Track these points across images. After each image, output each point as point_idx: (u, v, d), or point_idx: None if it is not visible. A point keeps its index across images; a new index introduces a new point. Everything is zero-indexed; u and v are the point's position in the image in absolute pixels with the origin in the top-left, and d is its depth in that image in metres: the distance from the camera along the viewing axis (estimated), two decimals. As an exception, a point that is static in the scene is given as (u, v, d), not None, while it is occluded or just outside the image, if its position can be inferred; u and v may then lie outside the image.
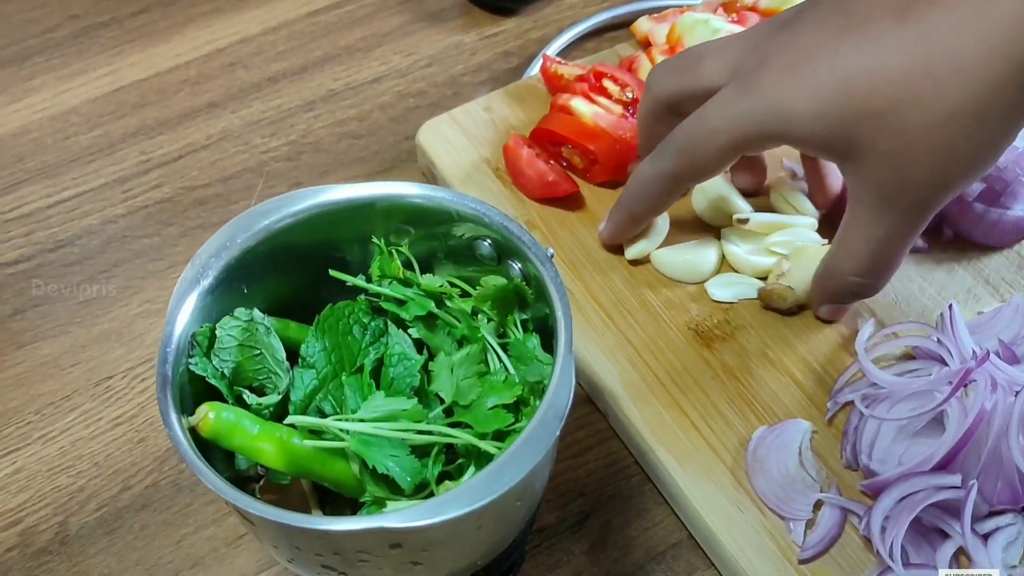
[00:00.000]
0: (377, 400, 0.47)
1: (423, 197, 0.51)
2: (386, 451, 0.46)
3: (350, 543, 0.43)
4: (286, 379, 0.50)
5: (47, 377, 0.65)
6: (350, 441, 0.46)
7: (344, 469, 0.48)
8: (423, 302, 0.51)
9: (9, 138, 0.77)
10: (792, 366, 0.60)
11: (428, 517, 0.41)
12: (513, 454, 0.43)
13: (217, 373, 0.49)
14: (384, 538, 0.43)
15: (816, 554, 0.53)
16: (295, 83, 0.79)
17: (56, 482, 0.61)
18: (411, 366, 0.49)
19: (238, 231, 0.50)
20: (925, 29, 0.48)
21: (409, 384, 0.49)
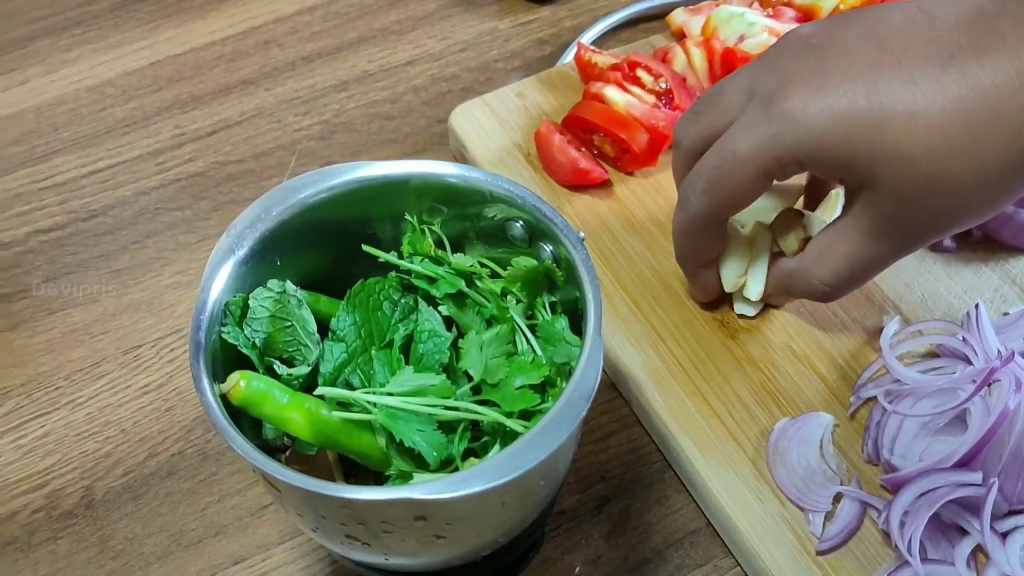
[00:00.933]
0: (406, 375, 0.48)
1: (458, 177, 0.51)
2: (413, 425, 0.47)
3: (375, 513, 0.44)
4: (316, 351, 0.50)
5: (77, 344, 0.66)
6: (378, 414, 0.47)
7: (370, 442, 0.48)
8: (454, 280, 0.51)
9: (46, 108, 0.78)
10: (816, 360, 0.60)
11: (453, 490, 0.41)
12: (539, 433, 0.43)
13: (248, 343, 0.50)
14: (409, 509, 0.43)
15: (834, 546, 0.54)
16: (329, 63, 0.80)
17: (83, 447, 0.62)
18: (441, 343, 0.49)
19: (274, 203, 0.51)
20: (969, 83, 0.47)
21: (438, 361, 0.49)
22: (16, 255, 0.70)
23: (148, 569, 0.57)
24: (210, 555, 0.58)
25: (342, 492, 0.42)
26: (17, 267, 0.70)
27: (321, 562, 0.57)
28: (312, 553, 0.58)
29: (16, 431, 0.63)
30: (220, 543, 0.58)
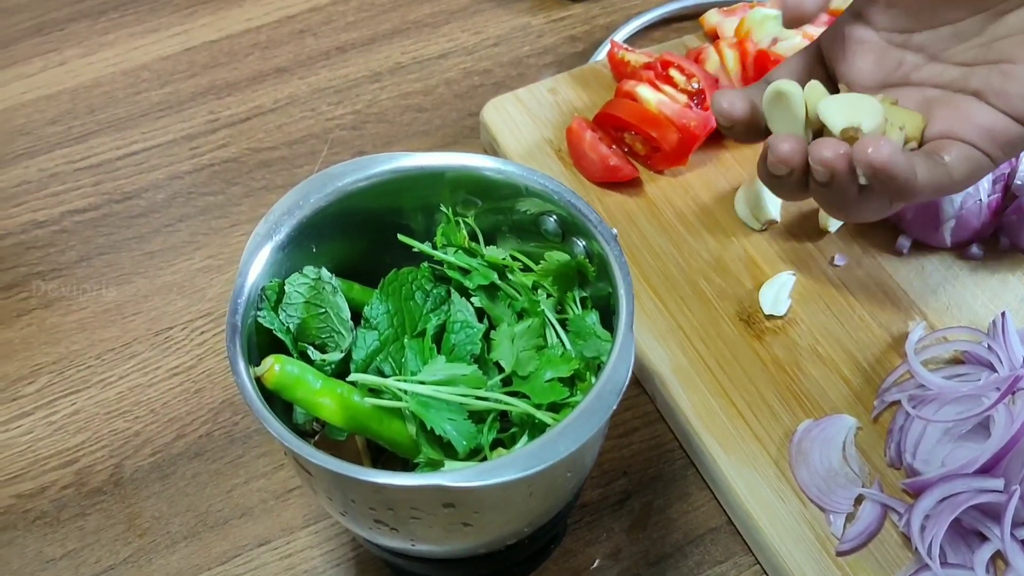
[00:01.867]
0: (438, 364, 0.49)
1: (494, 170, 0.52)
2: (444, 414, 0.47)
3: (406, 499, 0.44)
4: (349, 338, 0.51)
5: (109, 324, 0.67)
6: (410, 402, 0.47)
7: (400, 429, 0.49)
8: (486, 272, 0.52)
9: (82, 89, 0.79)
10: (841, 363, 0.61)
11: (484, 478, 0.42)
12: (569, 425, 0.44)
13: (283, 327, 0.50)
14: (439, 496, 0.44)
15: (854, 547, 0.54)
16: (363, 54, 0.80)
17: (113, 426, 0.63)
18: (473, 334, 0.50)
19: (311, 191, 0.52)
20: None
21: (470, 352, 0.50)
22: (51, 234, 0.71)
23: (174, 547, 0.58)
24: (235, 536, 0.58)
25: (374, 477, 0.43)
26: (52, 246, 0.71)
27: (344, 547, 0.58)
28: (336, 538, 0.58)
29: (47, 407, 0.64)
30: (245, 525, 0.59)
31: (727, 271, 0.64)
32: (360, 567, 0.57)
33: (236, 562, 0.58)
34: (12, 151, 0.76)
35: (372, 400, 0.48)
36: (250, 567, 0.57)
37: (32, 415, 0.63)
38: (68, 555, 0.58)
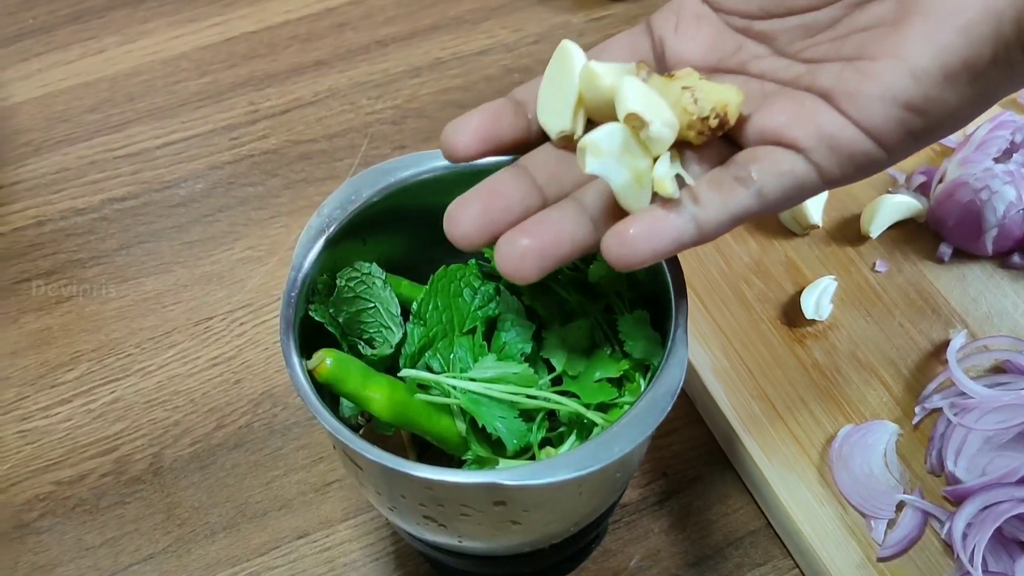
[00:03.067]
0: (489, 361, 0.49)
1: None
2: (495, 411, 0.48)
3: (458, 496, 0.44)
4: (399, 334, 0.51)
5: (148, 312, 0.67)
6: (462, 399, 0.47)
7: (448, 425, 0.49)
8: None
9: (122, 78, 0.79)
10: (881, 369, 0.61)
11: (539, 477, 0.42)
12: (623, 426, 0.44)
13: (333, 321, 0.50)
14: (491, 494, 0.44)
15: (895, 553, 0.54)
16: (403, 48, 0.80)
17: (152, 415, 0.63)
18: (524, 332, 0.50)
19: (363, 185, 0.52)
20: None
21: (520, 350, 0.50)
22: (91, 221, 0.71)
23: (213, 538, 0.58)
24: (274, 528, 0.59)
25: (429, 473, 0.43)
26: (91, 233, 0.71)
27: (384, 541, 0.58)
28: (375, 532, 0.59)
29: (87, 395, 0.64)
30: (284, 517, 0.59)
31: (768, 275, 0.64)
32: (399, 561, 0.58)
33: (275, 554, 0.58)
34: (51, 138, 0.76)
35: (423, 396, 0.48)
36: (289, 559, 0.58)
37: (71, 402, 0.64)
38: (107, 543, 0.58)
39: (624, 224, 0.40)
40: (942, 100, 0.39)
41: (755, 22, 0.44)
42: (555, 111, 0.45)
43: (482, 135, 0.45)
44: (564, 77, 0.44)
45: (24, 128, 0.76)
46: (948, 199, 0.64)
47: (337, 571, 0.57)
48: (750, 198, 0.40)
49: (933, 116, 0.39)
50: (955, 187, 0.64)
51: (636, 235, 0.39)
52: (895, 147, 0.40)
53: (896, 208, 0.65)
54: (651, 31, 0.46)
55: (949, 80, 0.38)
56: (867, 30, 0.41)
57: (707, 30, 0.45)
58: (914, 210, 0.66)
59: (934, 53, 0.38)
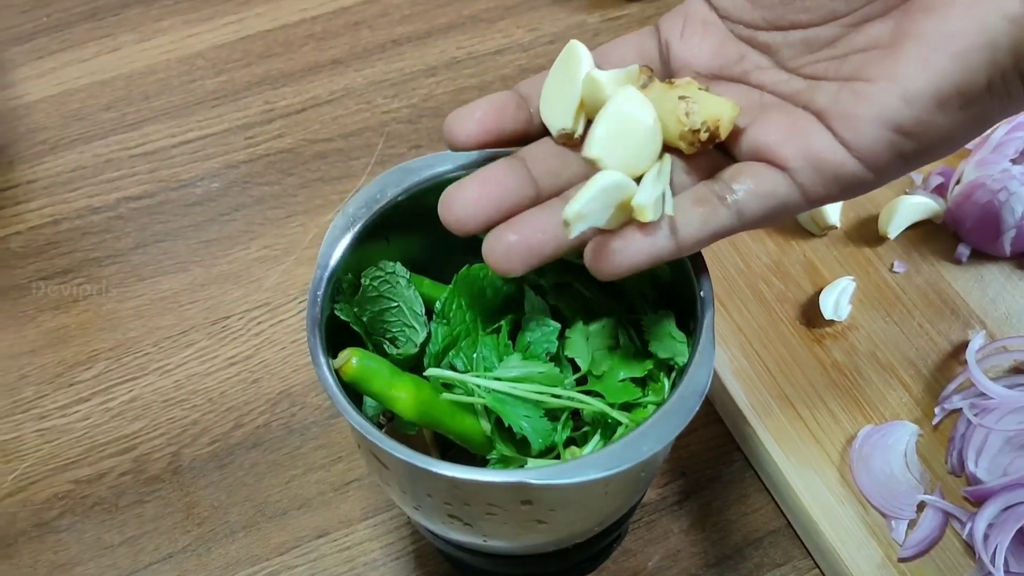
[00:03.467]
0: (514, 361, 0.49)
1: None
2: (520, 411, 0.48)
3: (484, 495, 0.44)
4: (423, 333, 0.51)
5: (166, 312, 0.67)
6: (487, 398, 0.47)
7: (473, 425, 0.49)
8: (561, 272, 0.52)
9: (137, 76, 0.79)
10: (901, 369, 0.61)
11: (568, 476, 0.42)
12: (651, 425, 0.44)
13: (358, 320, 0.50)
14: (519, 493, 0.44)
15: (916, 554, 0.54)
16: (418, 47, 0.80)
17: (171, 414, 0.63)
18: (549, 332, 0.50)
19: (388, 185, 0.52)
20: None
21: (545, 349, 0.50)
22: (107, 220, 0.71)
23: (233, 537, 0.58)
24: (294, 527, 0.59)
25: (457, 472, 0.43)
26: (108, 232, 0.71)
27: (403, 540, 0.58)
28: (395, 531, 0.59)
29: (105, 394, 0.64)
30: (304, 516, 0.59)
31: (787, 275, 0.64)
32: (419, 560, 0.58)
33: (295, 553, 0.58)
34: (67, 136, 0.76)
35: (450, 396, 0.48)
36: (309, 559, 0.58)
37: (89, 401, 0.64)
38: (127, 542, 0.58)
39: (605, 238, 0.42)
40: (934, 124, 0.39)
41: (759, 33, 0.45)
42: (558, 109, 0.45)
43: (485, 126, 0.45)
44: (569, 78, 0.45)
45: (40, 126, 0.76)
46: (966, 200, 0.64)
47: (357, 570, 0.57)
48: (730, 217, 0.42)
49: (924, 140, 0.40)
50: (973, 188, 0.64)
51: (615, 249, 0.42)
52: (884, 169, 0.40)
53: (914, 209, 0.66)
54: (659, 33, 0.47)
55: (941, 105, 0.39)
56: (865, 51, 0.41)
57: (712, 37, 0.46)
58: (931, 211, 0.66)
59: (927, 78, 0.39)
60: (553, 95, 0.46)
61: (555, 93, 0.46)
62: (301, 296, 0.67)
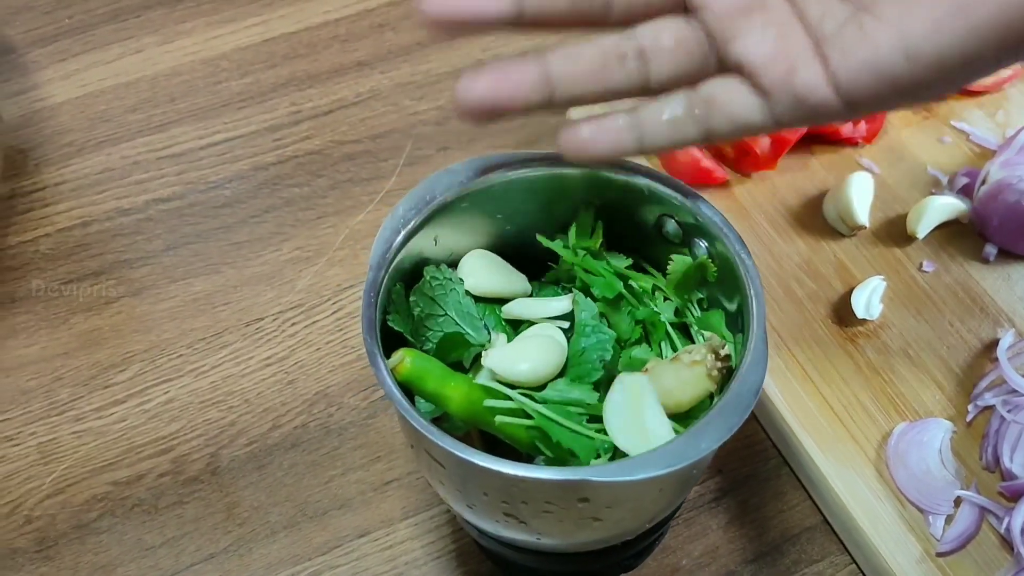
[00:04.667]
0: (561, 385, 0.49)
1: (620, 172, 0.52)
2: (567, 432, 0.48)
3: (543, 493, 0.45)
4: (478, 337, 0.52)
5: (199, 313, 0.67)
6: (535, 417, 0.48)
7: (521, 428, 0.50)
8: (612, 282, 0.52)
9: (162, 78, 0.79)
10: (933, 367, 0.62)
11: (630, 474, 0.43)
12: (708, 423, 0.44)
13: (411, 328, 0.51)
14: (578, 491, 0.44)
15: (954, 549, 0.55)
16: (443, 50, 0.81)
17: (207, 415, 0.63)
18: (604, 340, 0.50)
19: (436, 187, 0.52)
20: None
21: (600, 357, 0.50)
22: (136, 222, 0.71)
23: (274, 537, 0.59)
24: (335, 527, 0.59)
25: (520, 471, 0.43)
26: (138, 234, 0.71)
27: (444, 539, 0.59)
28: (436, 530, 0.59)
29: (140, 395, 0.64)
30: (344, 516, 0.59)
31: (818, 274, 0.65)
32: (461, 559, 0.58)
33: (336, 553, 0.58)
34: (94, 138, 0.76)
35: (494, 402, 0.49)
36: (351, 558, 0.58)
37: (125, 403, 0.64)
38: (168, 543, 0.59)
39: (580, 125, 0.45)
40: (928, 82, 0.39)
41: None
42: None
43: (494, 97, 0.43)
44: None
45: (66, 128, 0.76)
46: (992, 201, 0.65)
47: (399, 569, 0.58)
48: (697, 135, 0.43)
49: (913, 93, 0.40)
50: (999, 189, 0.65)
51: (586, 138, 0.45)
52: (862, 108, 0.41)
53: (941, 210, 0.66)
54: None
55: (942, 69, 0.38)
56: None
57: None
58: (958, 211, 0.67)
59: (936, 42, 0.38)
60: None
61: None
62: (334, 297, 0.68)
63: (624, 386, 0.47)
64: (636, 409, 0.47)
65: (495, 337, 0.52)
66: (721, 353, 0.48)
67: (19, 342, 0.66)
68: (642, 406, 0.47)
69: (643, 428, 0.46)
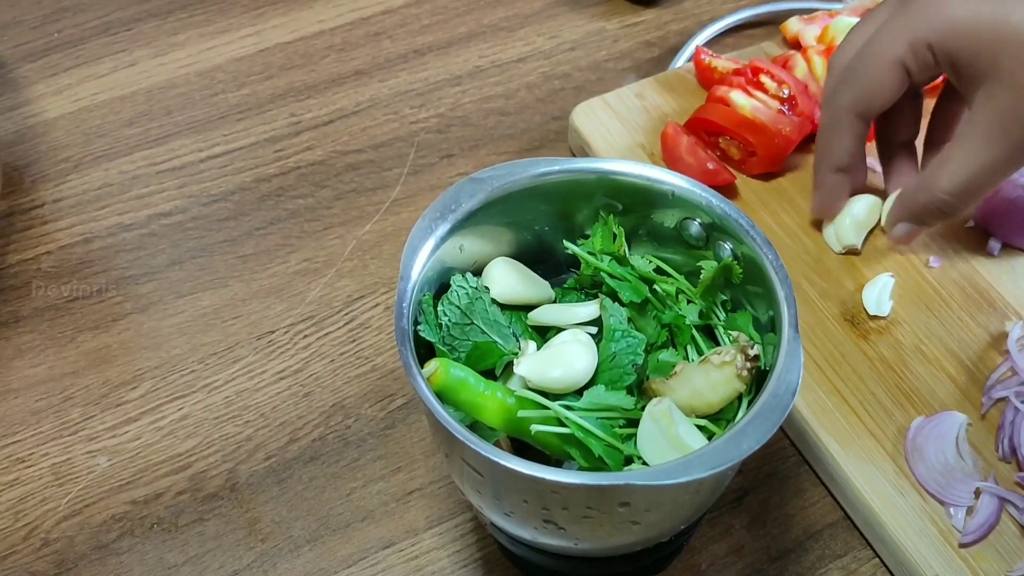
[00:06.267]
0: (597, 392, 0.49)
1: (640, 176, 0.53)
2: (602, 442, 0.48)
3: (586, 498, 0.45)
4: (509, 345, 0.52)
5: (209, 328, 0.67)
6: (571, 426, 0.48)
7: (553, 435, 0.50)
8: (639, 287, 0.52)
9: (157, 91, 0.78)
10: (945, 361, 0.63)
11: (676, 476, 0.43)
12: (749, 423, 0.45)
13: (441, 338, 0.51)
14: (620, 495, 0.45)
15: (976, 539, 0.56)
16: (441, 57, 0.81)
17: (224, 430, 0.63)
18: (634, 344, 0.50)
19: (461, 195, 0.52)
20: None
21: (631, 361, 0.50)
22: (140, 237, 0.71)
23: (298, 552, 0.58)
24: (359, 539, 0.59)
25: (566, 477, 0.43)
26: (142, 249, 0.70)
27: (470, 548, 0.59)
28: (461, 539, 0.59)
29: (153, 413, 0.63)
30: (368, 528, 0.59)
31: (828, 273, 0.66)
32: (488, 567, 0.58)
33: (362, 565, 0.58)
34: (91, 153, 0.75)
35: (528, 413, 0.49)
36: (377, 569, 0.58)
37: (139, 421, 0.63)
38: (190, 561, 0.58)
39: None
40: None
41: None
42: None
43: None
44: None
45: (61, 144, 0.75)
46: (994, 196, 0.67)
47: (426, 579, 0.58)
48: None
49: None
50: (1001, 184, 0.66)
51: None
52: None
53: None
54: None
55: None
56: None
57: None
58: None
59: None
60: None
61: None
62: (345, 308, 0.67)
63: (651, 416, 0.48)
64: (669, 434, 0.47)
65: (524, 344, 0.52)
66: (750, 353, 0.49)
67: (26, 362, 0.65)
68: (675, 428, 0.47)
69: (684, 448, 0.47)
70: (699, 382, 0.49)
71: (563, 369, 0.50)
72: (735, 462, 0.44)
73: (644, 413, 0.48)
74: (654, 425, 0.48)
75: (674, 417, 0.48)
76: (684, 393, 0.49)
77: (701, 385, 0.49)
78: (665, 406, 0.48)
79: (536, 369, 0.49)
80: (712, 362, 0.49)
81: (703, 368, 0.49)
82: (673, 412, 0.48)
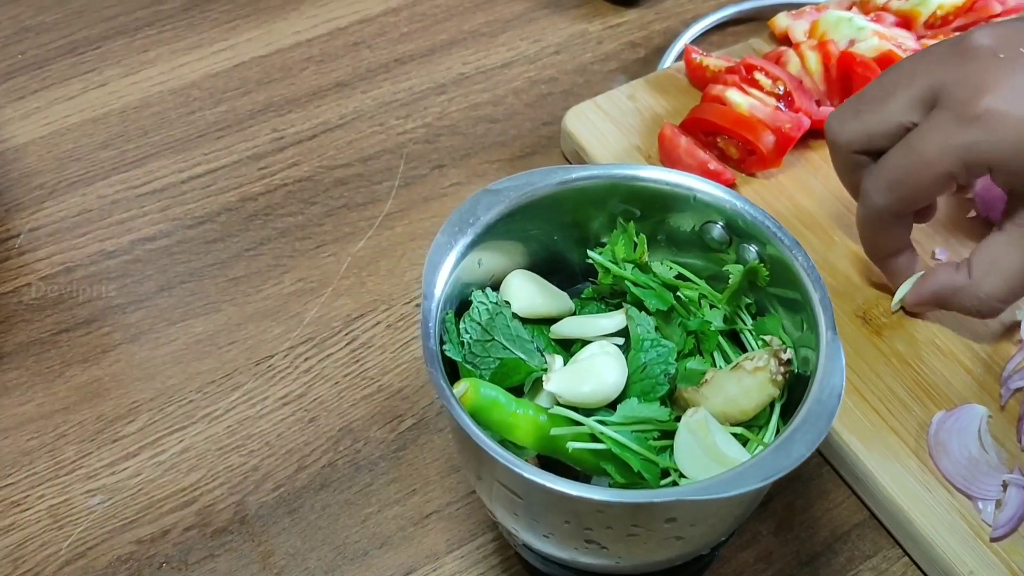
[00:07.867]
0: (631, 405, 0.48)
1: (660, 181, 0.51)
2: (638, 456, 0.47)
3: (632, 517, 0.44)
4: (534, 362, 0.50)
5: (204, 355, 0.64)
6: (607, 442, 0.46)
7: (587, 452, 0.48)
8: (664, 294, 0.51)
9: (131, 111, 0.76)
10: (960, 353, 0.62)
11: (725, 490, 0.42)
12: (797, 430, 0.44)
13: (462, 354, 0.49)
14: (667, 511, 0.43)
15: (1007, 532, 0.56)
16: (423, 65, 0.79)
17: (228, 461, 0.60)
18: (665, 353, 0.49)
19: (478, 208, 0.51)
20: None
21: (663, 371, 0.49)
22: (123, 264, 0.68)
23: (316, 583, 0.56)
24: (378, 567, 0.57)
25: (615, 497, 0.42)
26: (127, 276, 0.67)
27: (493, 569, 0.57)
28: (483, 561, 0.57)
29: (153, 447, 0.61)
30: (386, 554, 0.57)
31: (836, 270, 0.65)
32: (514, 588, 0.56)
33: (384, 593, 0.56)
34: (65, 178, 0.72)
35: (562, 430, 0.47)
36: (400, 597, 0.56)
37: (138, 456, 0.60)
38: (204, 599, 0.56)
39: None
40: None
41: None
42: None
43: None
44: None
45: (34, 170, 0.72)
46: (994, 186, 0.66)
47: (451, 604, 0.56)
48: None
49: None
50: (1000, 173, 0.66)
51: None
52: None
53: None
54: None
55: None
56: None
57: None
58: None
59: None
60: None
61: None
62: (346, 328, 0.65)
63: (688, 428, 0.46)
64: (706, 444, 0.46)
65: (550, 359, 0.51)
66: (783, 357, 0.48)
67: (13, 400, 0.62)
68: (711, 437, 0.46)
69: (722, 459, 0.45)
70: (732, 389, 0.48)
71: (594, 383, 0.48)
72: (787, 471, 0.43)
73: (680, 424, 0.47)
74: (691, 437, 0.46)
75: (710, 427, 0.46)
76: (717, 401, 0.48)
77: (734, 392, 0.48)
78: (701, 416, 0.47)
79: (567, 385, 0.48)
80: (745, 368, 0.48)
81: (735, 374, 0.48)
82: (709, 422, 0.47)
